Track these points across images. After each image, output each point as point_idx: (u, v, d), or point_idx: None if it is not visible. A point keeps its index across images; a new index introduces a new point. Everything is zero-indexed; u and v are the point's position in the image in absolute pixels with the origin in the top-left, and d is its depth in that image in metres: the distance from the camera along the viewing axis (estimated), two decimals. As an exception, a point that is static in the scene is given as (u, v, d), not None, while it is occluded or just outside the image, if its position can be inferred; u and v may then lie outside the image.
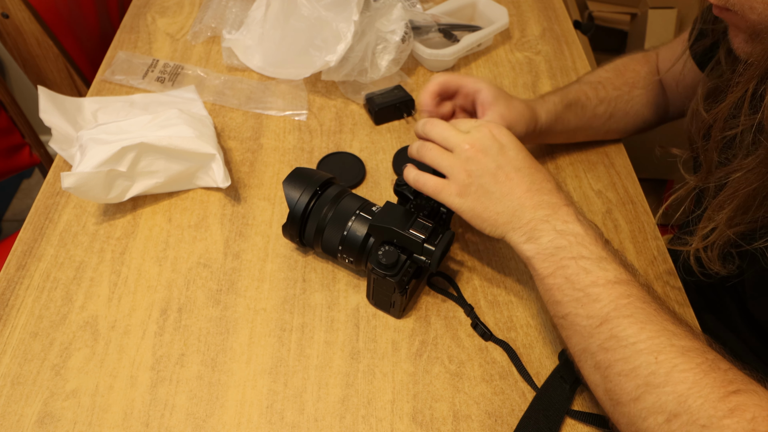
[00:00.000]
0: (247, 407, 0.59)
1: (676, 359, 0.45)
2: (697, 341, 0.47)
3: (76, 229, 0.73)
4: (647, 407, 0.44)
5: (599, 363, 0.48)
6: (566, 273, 0.52)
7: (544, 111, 0.72)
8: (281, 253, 0.71)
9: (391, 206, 0.63)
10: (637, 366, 0.46)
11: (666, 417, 0.43)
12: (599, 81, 0.79)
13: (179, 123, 0.75)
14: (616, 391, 0.47)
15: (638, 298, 0.49)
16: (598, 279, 0.50)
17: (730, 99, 0.53)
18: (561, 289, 0.52)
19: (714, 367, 0.44)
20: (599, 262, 0.51)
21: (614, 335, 0.48)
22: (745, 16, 0.52)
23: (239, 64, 0.94)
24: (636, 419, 0.45)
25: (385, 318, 0.65)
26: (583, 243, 0.52)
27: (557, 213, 0.55)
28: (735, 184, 0.52)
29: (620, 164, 0.82)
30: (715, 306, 0.70)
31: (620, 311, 0.48)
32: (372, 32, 0.87)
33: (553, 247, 0.53)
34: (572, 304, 0.51)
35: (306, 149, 0.84)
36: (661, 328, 0.47)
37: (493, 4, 1.00)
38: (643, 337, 0.46)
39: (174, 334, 0.64)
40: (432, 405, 0.59)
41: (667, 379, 0.44)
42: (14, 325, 0.64)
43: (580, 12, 1.64)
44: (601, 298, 0.49)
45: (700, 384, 0.43)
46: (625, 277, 0.50)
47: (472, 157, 0.57)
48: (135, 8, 1.08)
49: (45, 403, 0.59)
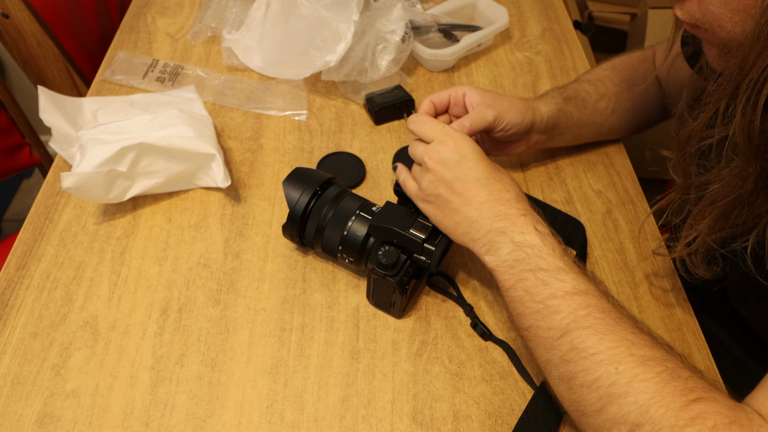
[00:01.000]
0: (247, 407, 0.59)
1: (637, 369, 0.45)
2: (657, 350, 0.47)
3: (76, 229, 0.73)
4: (610, 418, 0.45)
5: (562, 375, 0.49)
6: (526, 285, 0.52)
7: (543, 104, 0.73)
8: (281, 253, 0.71)
9: (391, 206, 0.63)
10: (598, 377, 0.46)
11: (629, 427, 0.44)
12: (597, 78, 0.79)
13: (179, 123, 0.75)
14: (580, 402, 0.47)
15: (597, 308, 0.49)
16: (556, 291, 0.50)
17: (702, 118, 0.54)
18: (522, 302, 0.52)
19: (674, 376, 0.45)
20: (557, 273, 0.51)
21: (574, 347, 0.48)
22: (715, 33, 0.53)
23: (239, 64, 0.94)
24: (601, 429, 0.46)
25: (385, 318, 0.65)
26: (541, 255, 0.52)
27: (514, 224, 0.55)
28: (712, 196, 0.53)
29: (620, 164, 0.82)
30: (709, 304, 0.70)
31: (579, 323, 0.48)
32: (372, 32, 0.87)
33: (512, 259, 0.53)
34: (534, 316, 0.51)
35: (306, 149, 0.84)
36: (620, 338, 0.47)
37: (493, 4, 1.00)
38: (602, 347, 0.47)
39: (174, 334, 0.64)
40: (432, 405, 0.59)
41: (628, 389, 0.44)
42: (14, 325, 0.64)
43: (580, 12, 1.64)
44: (561, 309, 0.50)
45: (661, 393, 0.43)
46: (583, 287, 0.51)
47: (432, 168, 0.59)
48: (135, 8, 1.08)
49: (45, 403, 0.59)
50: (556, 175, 0.81)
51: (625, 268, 0.71)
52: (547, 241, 0.53)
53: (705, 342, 0.64)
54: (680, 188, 0.58)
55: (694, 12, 0.53)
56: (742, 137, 0.48)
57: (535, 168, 0.81)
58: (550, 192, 0.78)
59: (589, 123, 0.78)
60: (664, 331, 0.65)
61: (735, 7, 0.49)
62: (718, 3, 0.50)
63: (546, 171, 0.81)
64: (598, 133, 0.81)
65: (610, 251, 0.72)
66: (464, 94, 0.69)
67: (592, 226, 0.75)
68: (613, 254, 0.72)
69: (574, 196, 0.78)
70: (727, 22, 0.51)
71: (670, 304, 0.67)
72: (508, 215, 0.55)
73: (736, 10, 0.49)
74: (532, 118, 0.71)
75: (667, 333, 0.65)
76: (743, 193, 0.51)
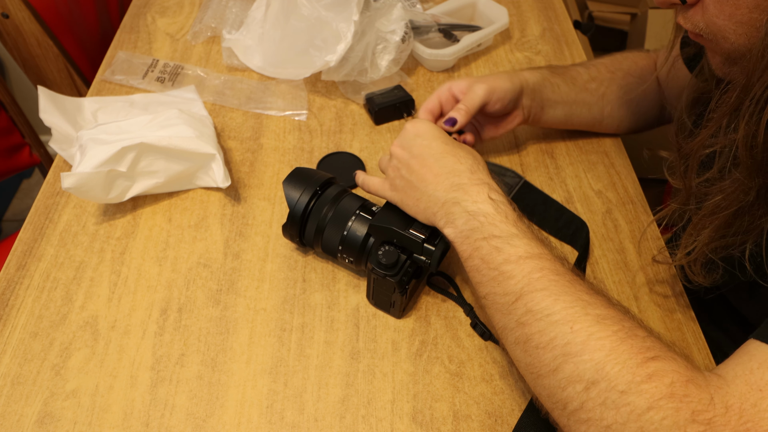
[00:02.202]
0: (247, 407, 0.59)
1: (592, 328, 0.45)
2: (613, 310, 0.47)
3: (76, 229, 0.73)
4: (566, 377, 0.45)
5: (518, 338, 0.49)
6: (481, 254, 0.52)
7: (527, 72, 0.75)
8: (281, 253, 0.71)
9: (391, 206, 0.63)
10: (553, 337, 0.46)
11: (585, 385, 0.44)
12: (592, 63, 0.80)
13: (179, 123, 0.75)
14: (536, 364, 0.47)
15: (551, 270, 0.49)
16: (509, 256, 0.51)
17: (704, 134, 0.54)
18: (479, 270, 0.53)
19: (631, 335, 0.45)
20: (510, 239, 0.52)
21: (529, 309, 0.48)
22: (719, 44, 0.53)
23: (239, 64, 0.94)
24: (556, 390, 0.46)
25: (385, 318, 0.65)
26: (494, 222, 0.53)
27: (468, 193, 0.55)
28: (713, 206, 0.53)
29: (620, 164, 0.82)
30: (708, 309, 0.70)
31: (533, 285, 0.49)
32: (372, 32, 0.87)
33: (467, 229, 0.54)
34: (490, 283, 0.52)
35: (306, 149, 0.84)
36: (575, 299, 0.47)
37: (493, 4, 1.00)
38: (557, 308, 0.47)
39: (174, 334, 0.64)
40: (432, 405, 0.59)
41: (584, 347, 0.44)
42: (14, 325, 0.64)
43: (580, 12, 1.64)
44: (515, 274, 0.50)
45: (617, 351, 0.44)
46: (536, 251, 0.51)
47: (394, 153, 0.63)
48: (135, 8, 1.08)
49: (45, 403, 0.59)
50: (556, 175, 0.81)
51: (625, 268, 0.71)
52: (501, 208, 0.54)
53: (705, 342, 0.64)
54: (680, 198, 0.58)
55: (697, 22, 0.53)
56: (745, 153, 0.48)
57: (536, 168, 0.81)
58: (550, 192, 0.78)
59: (579, 101, 0.78)
60: (664, 331, 0.65)
61: (740, 20, 0.49)
62: (722, 15, 0.50)
63: (546, 171, 0.81)
64: (592, 120, 0.81)
65: (610, 251, 0.72)
66: (449, 88, 0.71)
67: (592, 226, 0.75)
68: (613, 254, 0.72)
69: (574, 196, 0.78)
70: (731, 34, 0.51)
71: (670, 304, 0.67)
72: (461, 185, 0.56)
73: (741, 23, 0.49)
74: (520, 82, 0.72)
75: (667, 333, 0.65)
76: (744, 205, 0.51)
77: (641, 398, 0.41)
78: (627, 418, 0.41)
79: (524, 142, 0.85)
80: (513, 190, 0.73)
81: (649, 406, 0.41)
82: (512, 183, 0.73)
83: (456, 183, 0.57)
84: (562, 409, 0.46)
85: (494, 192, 0.56)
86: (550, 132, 0.86)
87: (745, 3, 0.48)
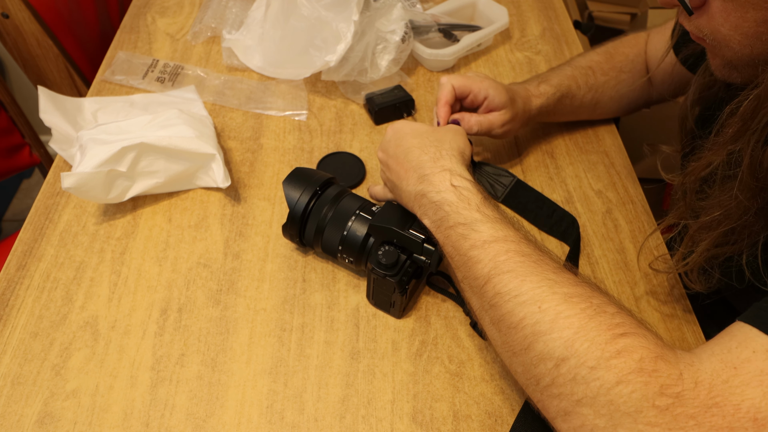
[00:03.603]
0: (247, 407, 0.59)
1: (560, 306, 0.46)
2: (581, 288, 0.47)
3: (76, 229, 0.73)
4: (537, 355, 0.46)
5: (492, 319, 0.50)
6: (451, 242, 0.54)
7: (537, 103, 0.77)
8: (281, 253, 0.71)
9: (391, 206, 0.63)
10: (522, 317, 0.47)
11: (555, 362, 0.44)
12: (590, 66, 0.81)
13: (179, 123, 0.75)
14: (510, 343, 0.48)
15: (516, 252, 0.50)
16: (475, 242, 0.52)
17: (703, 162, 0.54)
18: (452, 257, 0.54)
19: (600, 312, 0.45)
20: (473, 225, 0.53)
21: (498, 292, 0.49)
22: (721, 50, 0.53)
23: (239, 64, 0.94)
24: (529, 367, 0.46)
25: (385, 318, 0.65)
26: (458, 210, 0.54)
27: (432, 183, 0.57)
28: (712, 221, 0.53)
29: (620, 164, 0.82)
30: (708, 312, 0.70)
31: (500, 268, 0.50)
32: (372, 32, 0.87)
33: (437, 219, 0.56)
34: (462, 269, 0.53)
35: (306, 149, 0.84)
36: (541, 278, 0.48)
37: (493, 4, 1.00)
38: (525, 289, 0.48)
39: (174, 334, 0.64)
40: (432, 405, 0.59)
41: (552, 326, 0.45)
42: (14, 325, 0.64)
43: (580, 12, 1.64)
44: (481, 258, 0.51)
45: (585, 328, 0.44)
46: (501, 234, 0.52)
47: (378, 157, 0.66)
48: (135, 8, 1.08)
49: (45, 403, 0.59)
50: (556, 175, 0.81)
51: (625, 268, 0.71)
52: (463, 195, 0.55)
53: (705, 342, 0.64)
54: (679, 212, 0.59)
55: (702, 27, 0.53)
56: (749, 176, 0.49)
57: (536, 168, 0.81)
58: (550, 192, 0.78)
59: (570, 114, 0.83)
60: (664, 331, 0.65)
61: (745, 32, 0.49)
62: (729, 25, 0.50)
63: (546, 171, 0.81)
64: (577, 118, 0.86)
65: (610, 251, 0.72)
66: (485, 98, 0.72)
67: (592, 226, 0.75)
68: (613, 254, 0.72)
69: (574, 196, 0.78)
70: (735, 44, 0.51)
71: (670, 304, 0.67)
72: (425, 176, 0.58)
73: (746, 35, 0.49)
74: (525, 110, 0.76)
75: (667, 333, 0.65)
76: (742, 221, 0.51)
77: (610, 373, 0.42)
78: (597, 392, 0.42)
79: (524, 142, 0.85)
80: (506, 189, 0.73)
81: (618, 380, 0.41)
82: (505, 183, 0.74)
83: (421, 175, 0.58)
84: (535, 385, 0.46)
85: (456, 177, 0.57)
86: (550, 132, 0.86)
87: (752, 16, 0.48)
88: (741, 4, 0.48)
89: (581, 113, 0.84)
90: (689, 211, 0.57)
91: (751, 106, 0.48)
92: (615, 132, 0.87)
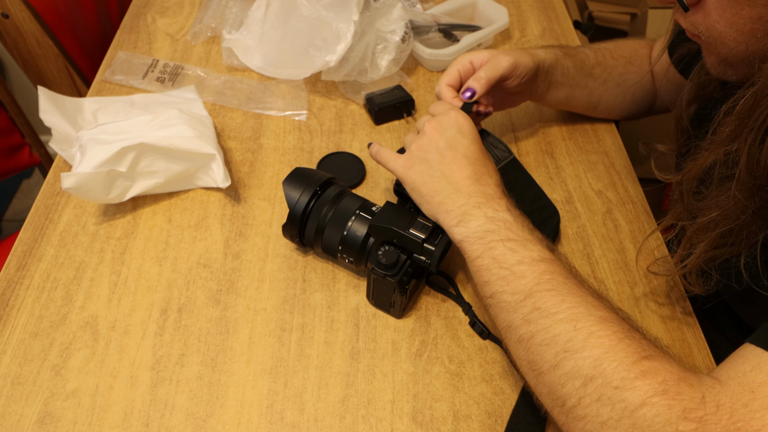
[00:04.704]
0: (247, 407, 0.59)
1: (594, 326, 0.47)
2: (614, 313, 0.49)
3: (76, 229, 0.73)
4: (565, 373, 0.46)
5: (522, 336, 0.50)
6: (494, 254, 0.54)
7: (542, 51, 0.75)
8: (281, 253, 0.71)
9: (391, 206, 0.63)
10: (556, 334, 0.47)
11: (582, 381, 0.45)
12: (599, 48, 0.81)
13: (179, 123, 0.75)
14: (537, 362, 0.48)
15: (560, 273, 0.51)
16: (524, 258, 0.52)
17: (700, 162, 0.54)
18: (489, 269, 0.54)
19: (629, 335, 0.46)
20: (525, 243, 0.54)
21: (537, 307, 0.49)
22: (717, 48, 0.53)
23: (239, 64, 0.94)
24: (556, 386, 0.47)
25: (385, 318, 0.65)
26: (511, 228, 0.55)
27: (490, 202, 0.57)
28: (710, 222, 0.53)
29: (620, 164, 0.82)
30: (708, 314, 0.70)
31: (543, 285, 0.50)
32: (372, 32, 0.87)
33: (482, 230, 0.55)
34: (499, 282, 0.53)
35: (306, 149, 0.84)
36: (580, 300, 0.49)
37: (493, 4, 1.00)
38: (563, 307, 0.48)
39: (174, 334, 0.64)
40: (432, 405, 0.59)
41: (585, 344, 0.46)
42: (14, 325, 0.64)
43: (580, 12, 1.64)
44: (526, 274, 0.51)
45: (615, 349, 0.45)
46: (549, 256, 0.53)
47: (428, 132, 0.62)
48: (135, 8, 1.08)
49: (45, 403, 0.59)
50: (556, 175, 0.81)
51: (625, 268, 0.71)
52: (519, 219, 0.56)
53: (705, 342, 0.64)
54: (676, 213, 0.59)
55: (698, 24, 0.53)
56: (747, 175, 0.49)
57: (536, 168, 0.81)
58: (550, 192, 0.78)
59: (583, 86, 0.79)
60: (664, 331, 0.65)
61: (740, 29, 0.49)
62: (724, 22, 0.50)
63: (546, 171, 0.81)
64: (589, 104, 0.82)
65: (610, 251, 0.72)
66: (470, 60, 0.71)
67: (592, 226, 0.75)
68: (613, 254, 0.72)
69: (574, 196, 0.78)
70: (731, 40, 0.51)
71: (670, 305, 0.67)
72: (486, 194, 0.58)
73: (741, 31, 0.49)
74: (538, 61, 0.73)
75: (666, 333, 0.65)
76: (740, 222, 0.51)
77: (634, 394, 0.42)
78: (621, 414, 0.42)
79: (524, 142, 0.85)
80: (501, 163, 0.72)
81: (642, 402, 0.42)
82: (501, 156, 0.72)
83: (482, 191, 0.58)
84: (561, 406, 0.46)
85: (513, 208, 0.58)
86: (550, 132, 0.86)
87: (747, 13, 0.48)
88: (736, 0, 0.48)
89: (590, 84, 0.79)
90: (687, 213, 0.58)
91: (748, 104, 0.48)
92: (615, 132, 0.87)
